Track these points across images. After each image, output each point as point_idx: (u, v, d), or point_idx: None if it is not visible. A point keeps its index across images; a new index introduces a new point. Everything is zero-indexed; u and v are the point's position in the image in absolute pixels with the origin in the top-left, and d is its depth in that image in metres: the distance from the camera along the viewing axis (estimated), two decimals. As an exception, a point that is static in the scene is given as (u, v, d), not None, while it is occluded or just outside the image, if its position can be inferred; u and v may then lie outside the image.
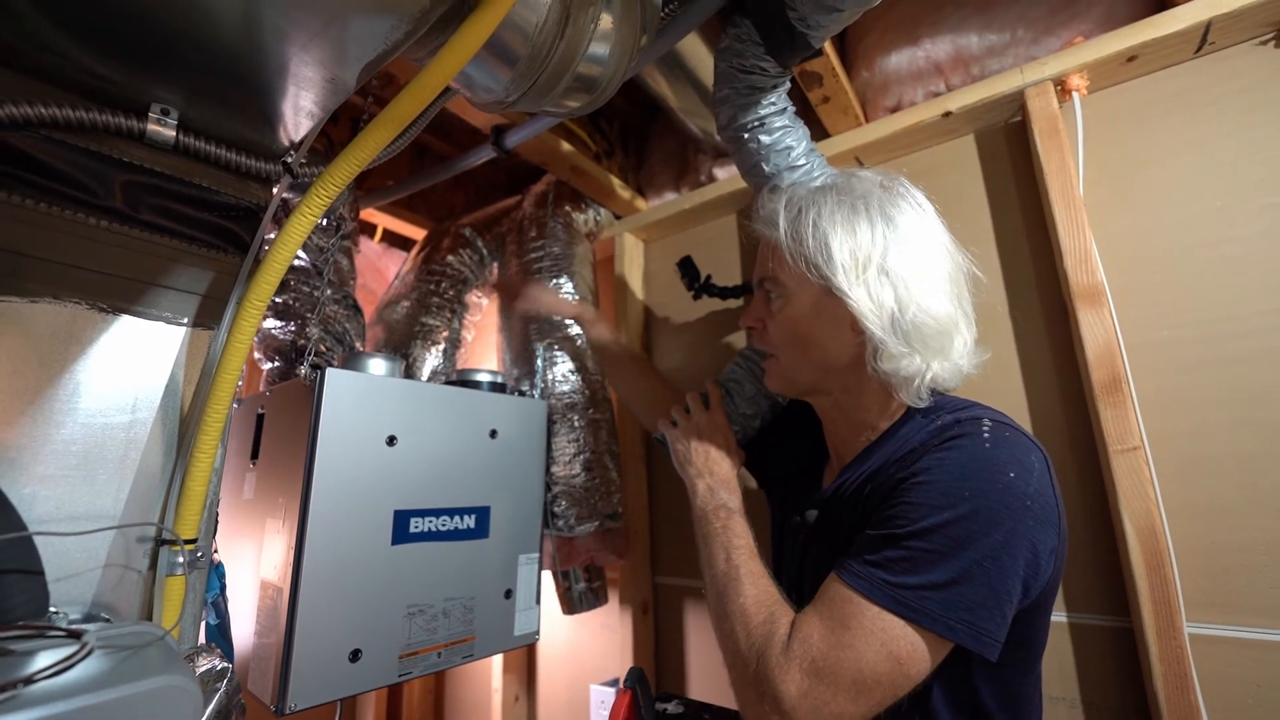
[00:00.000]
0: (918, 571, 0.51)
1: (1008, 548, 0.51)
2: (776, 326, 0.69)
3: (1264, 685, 0.71)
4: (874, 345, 0.61)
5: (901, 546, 0.52)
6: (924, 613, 0.50)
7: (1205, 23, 0.80)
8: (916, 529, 0.52)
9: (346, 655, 0.68)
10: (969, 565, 0.50)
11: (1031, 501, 0.52)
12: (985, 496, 0.52)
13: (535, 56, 0.58)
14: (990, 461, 0.54)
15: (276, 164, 0.68)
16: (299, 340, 1.01)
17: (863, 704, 0.50)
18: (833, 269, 0.61)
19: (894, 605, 0.50)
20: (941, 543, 0.51)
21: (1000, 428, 0.57)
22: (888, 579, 0.51)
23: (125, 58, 0.54)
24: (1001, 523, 0.51)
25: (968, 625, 0.50)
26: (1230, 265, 0.80)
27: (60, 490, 0.52)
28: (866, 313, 0.60)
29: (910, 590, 0.50)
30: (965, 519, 0.51)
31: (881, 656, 0.50)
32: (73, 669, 0.38)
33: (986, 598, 0.50)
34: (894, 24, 1.03)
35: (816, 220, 0.63)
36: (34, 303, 0.53)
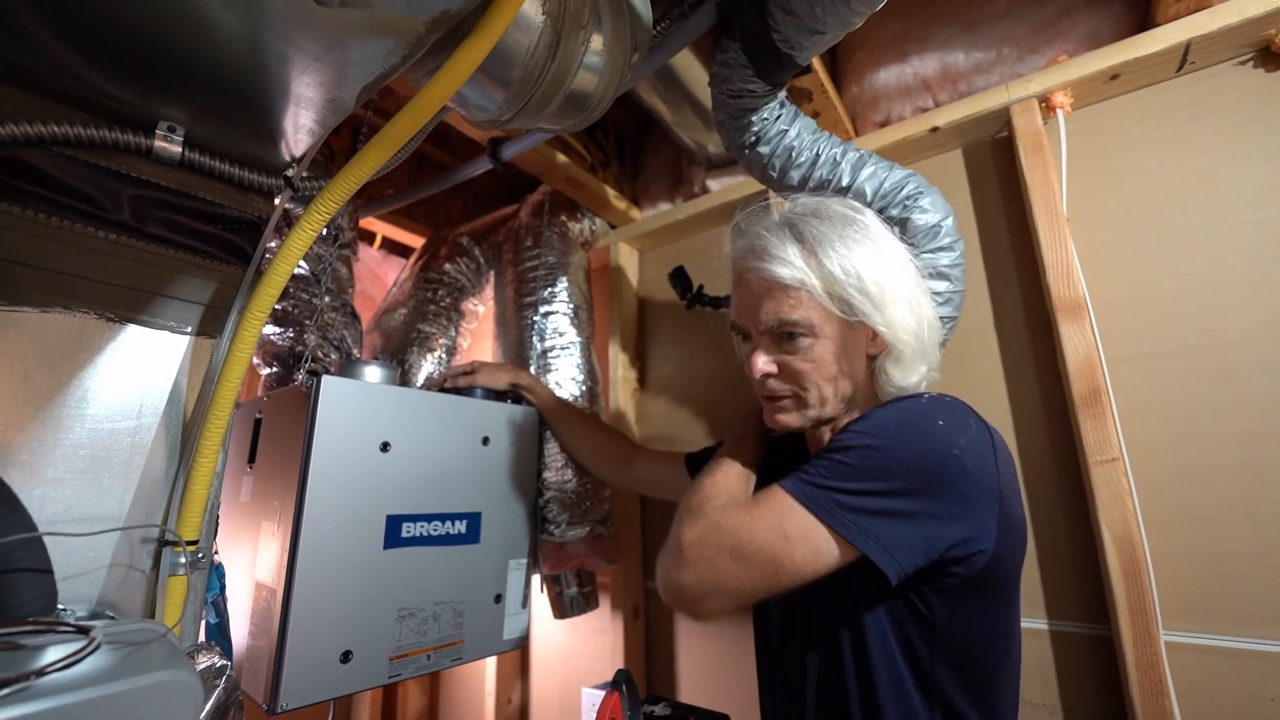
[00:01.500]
0: (830, 477, 0.56)
1: (930, 484, 0.54)
2: (803, 365, 0.64)
3: (1238, 693, 0.72)
4: (898, 360, 0.64)
5: (825, 461, 0.57)
6: (822, 506, 0.54)
7: (1185, 43, 0.82)
8: (841, 447, 0.57)
9: (338, 656, 0.70)
10: (882, 487, 0.54)
11: (960, 452, 0.55)
12: (912, 432, 0.56)
13: (528, 78, 0.61)
14: (924, 411, 0.59)
15: (278, 178, 0.70)
16: (297, 346, 1.03)
17: (742, 567, 0.55)
18: (868, 302, 0.62)
19: (800, 495, 0.55)
20: (859, 459, 0.56)
21: (940, 397, 0.61)
22: (803, 478, 0.57)
23: (135, 79, 0.56)
24: (925, 460, 0.55)
25: (862, 530, 0.53)
26: (1209, 280, 0.82)
27: (69, 492, 0.54)
28: (901, 336, 0.63)
29: (818, 489, 0.55)
30: (890, 448, 0.56)
31: (772, 529, 0.55)
32: (81, 663, 0.40)
33: (891, 516, 0.53)
34: (883, 41, 1.05)
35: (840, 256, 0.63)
36: (45, 312, 0.55)
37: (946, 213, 0.82)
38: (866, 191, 0.84)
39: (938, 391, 0.66)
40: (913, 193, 0.82)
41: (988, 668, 0.59)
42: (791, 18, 0.70)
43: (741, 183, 1.24)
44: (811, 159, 0.86)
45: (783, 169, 0.88)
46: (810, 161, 0.86)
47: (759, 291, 0.66)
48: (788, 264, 0.63)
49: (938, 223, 0.80)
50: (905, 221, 0.81)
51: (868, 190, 0.84)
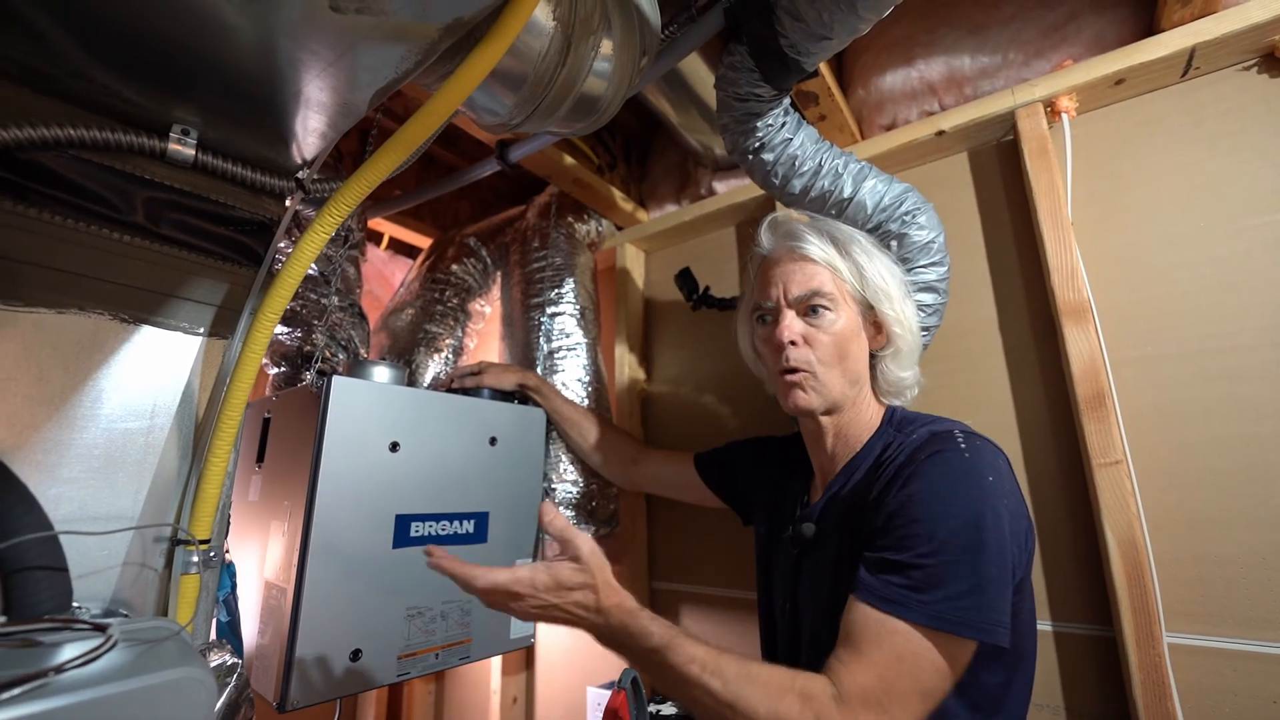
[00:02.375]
0: (942, 585, 0.55)
1: (1000, 544, 0.57)
2: (826, 337, 0.71)
3: (1240, 694, 0.72)
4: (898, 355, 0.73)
5: (920, 568, 0.56)
6: (962, 623, 0.54)
7: (1190, 49, 0.82)
8: (927, 544, 0.56)
9: (348, 655, 0.71)
10: (981, 569, 0.56)
11: (1008, 499, 0.60)
12: (976, 503, 0.58)
13: (538, 82, 0.61)
14: (972, 470, 0.61)
15: (289, 180, 0.71)
16: (305, 346, 1.04)
17: (925, 712, 0.54)
18: (882, 294, 0.72)
19: (934, 621, 0.54)
20: (953, 553, 0.56)
21: (971, 438, 0.64)
22: (919, 598, 0.55)
23: (150, 82, 0.57)
24: (992, 524, 0.57)
25: (990, 624, 0.55)
26: (1212, 284, 0.82)
27: (83, 491, 0.55)
28: (900, 330, 0.72)
29: (942, 604, 0.54)
30: (964, 528, 0.57)
31: (934, 672, 0.54)
32: (99, 660, 0.40)
33: (999, 594, 0.56)
34: (889, 45, 1.05)
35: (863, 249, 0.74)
36: (61, 313, 0.56)
37: (939, 230, 0.87)
38: (867, 204, 0.86)
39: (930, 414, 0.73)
40: (911, 209, 0.86)
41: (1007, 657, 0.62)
42: (799, 23, 0.71)
43: (747, 185, 1.24)
44: (814, 169, 0.88)
45: (785, 177, 0.88)
46: (813, 171, 0.88)
47: (793, 268, 0.74)
48: (821, 249, 0.74)
49: (932, 239, 0.86)
50: (903, 236, 0.86)
51: (868, 203, 0.86)
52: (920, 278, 0.86)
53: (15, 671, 0.36)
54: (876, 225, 0.87)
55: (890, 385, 0.74)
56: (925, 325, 0.87)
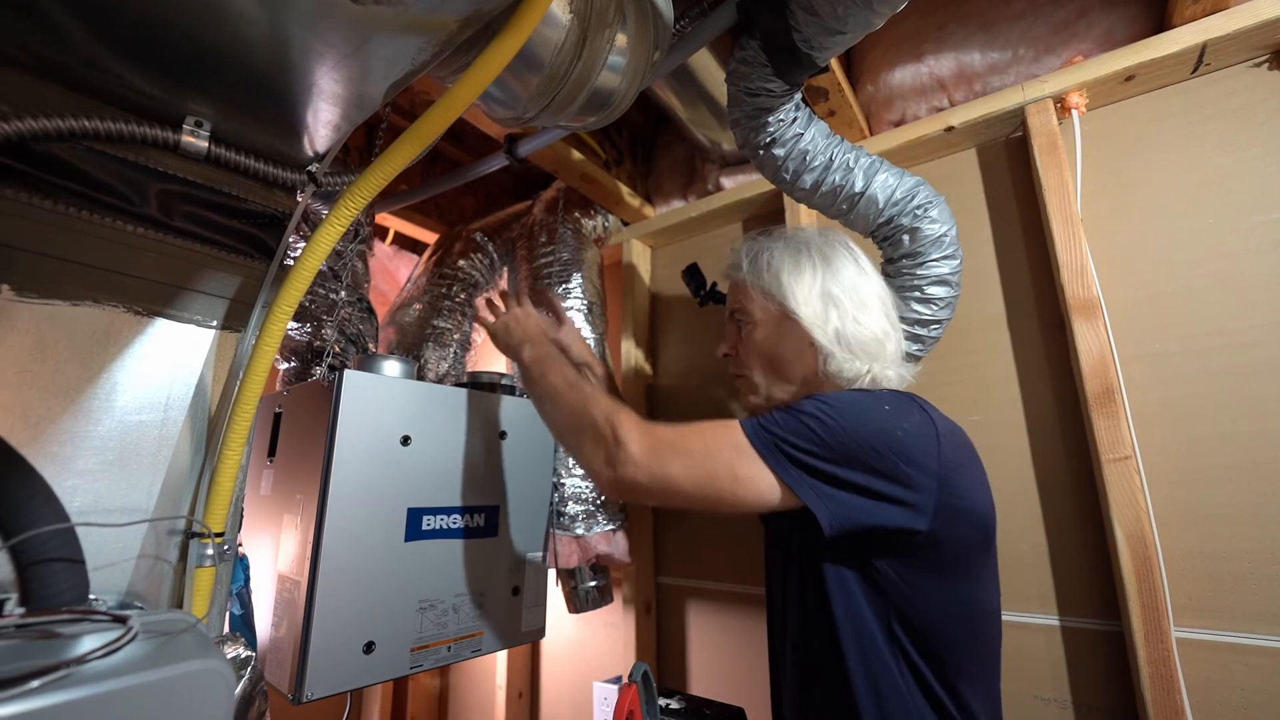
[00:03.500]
0: (785, 430, 0.62)
1: (871, 459, 0.60)
2: (750, 349, 0.79)
3: (1248, 688, 0.73)
4: (824, 355, 0.73)
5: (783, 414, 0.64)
6: (774, 456, 0.61)
7: (1201, 45, 0.82)
8: (798, 406, 0.64)
9: (361, 647, 0.71)
10: (829, 453, 0.60)
11: (903, 434, 0.62)
12: (860, 410, 0.63)
13: (554, 75, 0.61)
14: (872, 396, 0.67)
15: (301, 173, 0.71)
16: (315, 341, 1.04)
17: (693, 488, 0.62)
18: (788, 298, 0.75)
19: (755, 438, 0.62)
20: (813, 425, 0.62)
21: (889, 390, 0.70)
22: (762, 423, 0.64)
23: (164, 74, 0.57)
24: (869, 437, 0.60)
25: (802, 483, 0.60)
26: (1221, 281, 0.82)
27: (99, 484, 0.55)
28: (817, 326, 0.74)
29: (773, 436, 0.62)
30: (840, 421, 0.62)
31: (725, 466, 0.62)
32: (120, 651, 0.40)
33: (831, 477, 0.60)
34: (899, 40, 1.05)
35: (770, 261, 0.78)
36: (76, 306, 0.56)
37: (952, 223, 0.87)
38: (879, 198, 0.86)
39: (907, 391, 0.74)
40: (923, 202, 0.86)
41: (949, 641, 0.63)
42: (813, 17, 0.71)
43: (755, 180, 1.24)
44: (825, 163, 0.87)
45: (796, 172, 0.88)
46: (824, 166, 0.88)
47: (728, 289, 0.84)
48: (739, 267, 0.81)
49: (944, 233, 0.86)
50: (915, 230, 0.86)
51: (880, 197, 0.86)
52: (933, 271, 0.86)
53: (38, 662, 0.36)
54: (888, 219, 0.87)
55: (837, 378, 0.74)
56: (937, 319, 0.87)
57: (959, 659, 0.63)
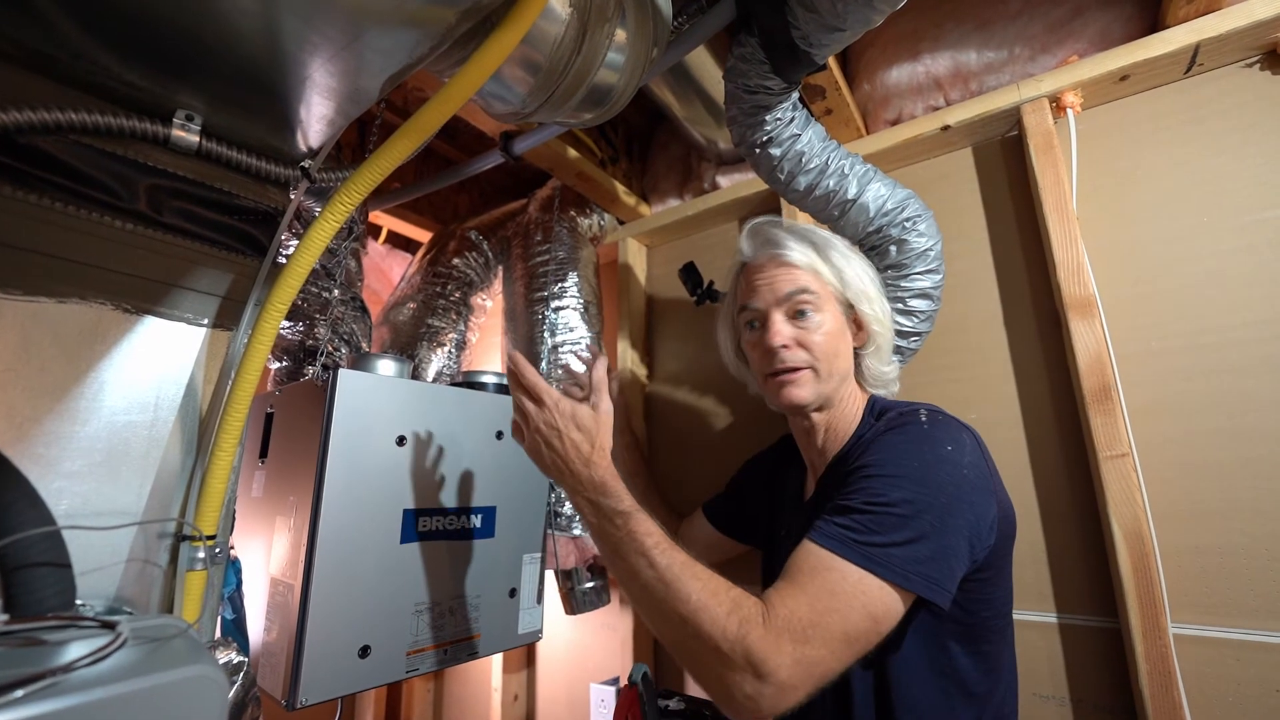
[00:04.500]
0: (882, 532, 0.58)
1: (950, 510, 0.59)
2: (818, 338, 0.74)
3: (1244, 683, 0.73)
4: (877, 351, 0.76)
5: (865, 513, 0.59)
6: (888, 566, 0.56)
7: (1194, 45, 0.83)
8: (875, 498, 0.60)
9: (356, 651, 0.70)
10: (922, 526, 0.58)
11: (967, 470, 0.62)
12: (929, 468, 0.61)
13: (553, 70, 0.60)
14: (929, 438, 0.64)
15: (295, 169, 0.69)
16: (307, 340, 1.02)
17: (847, 658, 0.55)
18: (860, 293, 0.76)
19: (867, 563, 0.56)
20: (898, 509, 0.59)
21: (934, 414, 0.68)
22: (856, 539, 0.57)
23: (154, 66, 0.55)
24: (944, 489, 0.60)
25: (922, 576, 0.57)
26: (1215, 279, 0.83)
27: (86, 486, 0.53)
28: (879, 327, 0.76)
29: (876, 548, 0.57)
30: (915, 487, 0.60)
31: (862, 616, 0.55)
32: (109, 658, 0.39)
33: (936, 552, 0.58)
34: (895, 39, 1.05)
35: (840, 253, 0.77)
36: (62, 303, 0.54)
37: (938, 238, 0.88)
38: (870, 207, 0.87)
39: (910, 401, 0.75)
40: (912, 215, 0.88)
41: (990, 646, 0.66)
42: (812, 14, 0.70)
43: (751, 179, 1.24)
44: (821, 167, 0.88)
45: (791, 173, 0.89)
46: (819, 169, 0.88)
47: (778, 272, 0.77)
48: (803, 253, 0.76)
49: (930, 247, 0.87)
50: (902, 242, 0.87)
51: (871, 206, 0.87)
52: (916, 284, 0.87)
53: (24, 670, 0.35)
54: (878, 229, 0.88)
55: (875, 378, 0.78)
56: (917, 331, 0.89)
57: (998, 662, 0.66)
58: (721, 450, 1.22)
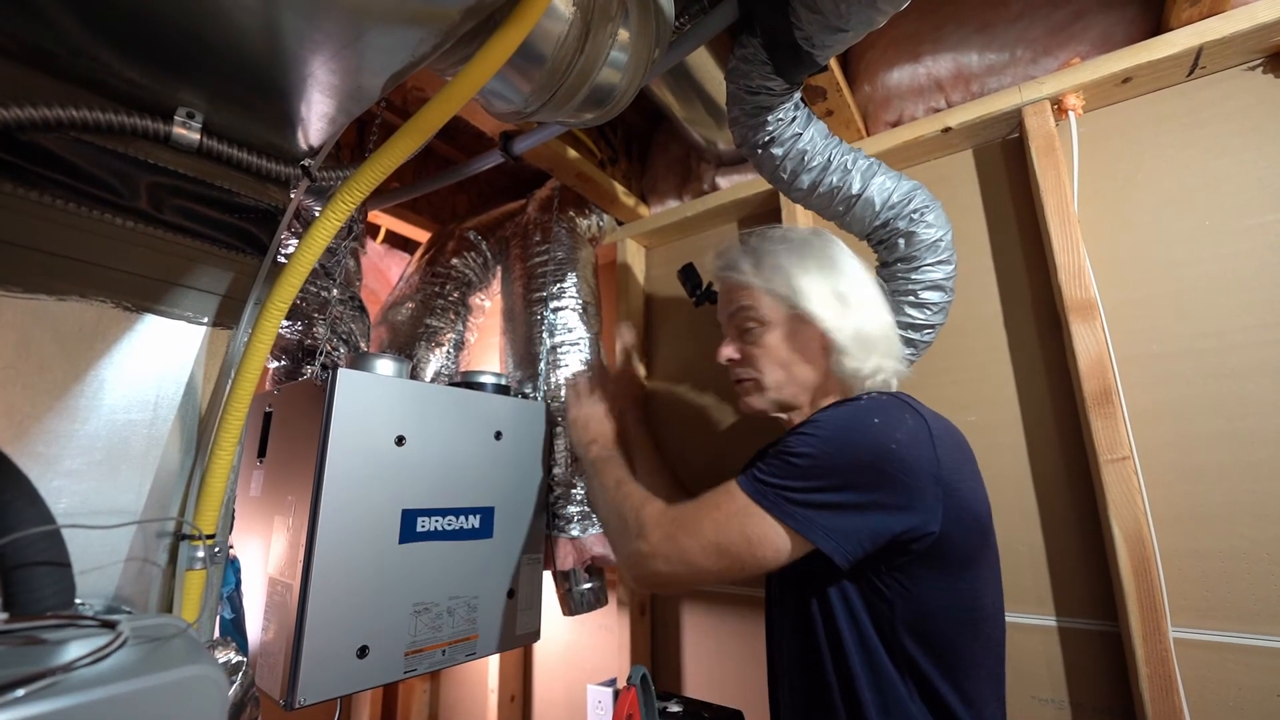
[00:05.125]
0: (781, 477, 0.63)
1: (871, 478, 0.61)
2: (757, 351, 0.78)
3: (1245, 688, 0.73)
4: (838, 354, 0.74)
5: (775, 462, 0.65)
6: (776, 506, 0.61)
7: (1197, 48, 0.83)
8: (789, 451, 0.64)
9: (354, 651, 0.70)
10: (827, 484, 0.61)
11: (897, 445, 0.62)
12: (845, 432, 0.64)
13: (556, 69, 0.60)
14: (860, 411, 0.66)
15: (295, 167, 0.69)
16: (306, 340, 1.02)
17: (712, 562, 0.63)
18: (802, 299, 0.75)
19: (756, 496, 0.63)
20: (806, 461, 0.62)
21: (877, 397, 0.69)
22: (758, 477, 0.64)
23: (155, 63, 0.55)
24: (864, 456, 0.61)
25: (812, 524, 0.60)
26: (1216, 282, 0.83)
27: (85, 485, 0.53)
28: (834, 326, 0.74)
29: (769, 487, 0.63)
30: (832, 449, 0.63)
31: (737, 532, 0.62)
32: (109, 658, 0.39)
33: (837, 509, 0.60)
34: (896, 40, 1.05)
35: (777, 263, 0.78)
36: (62, 300, 0.54)
37: (948, 228, 0.88)
38: (875, 201, 0.86)
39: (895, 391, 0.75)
40: (919, 207, 0.87)
41: (953, 641, 0.64)
42: (815, 15, 0.70)
43: (751, 180, 1.24)
44: (823, 164, 0.87)
45: (794, 172, 0.88)
46: (822, 167, 0.87)
47: (723, 292, 0.85)
48: (741, 270, 0.80)
49: (940, 237, 0.86)
50: (911, 234, 0.86)
51: (876, 200, 0.86)
52: (927, 276, 0.86)
53: (23, 670, 0.35)
54: (885, 222, 0.87)
55: (848, 377, 0.75)
56: (930, 324, 0.88)
57: (965, 660, 0.63)
58: (720, 451, 1.22)
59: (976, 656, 0.65)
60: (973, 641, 0.65)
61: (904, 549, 0.61)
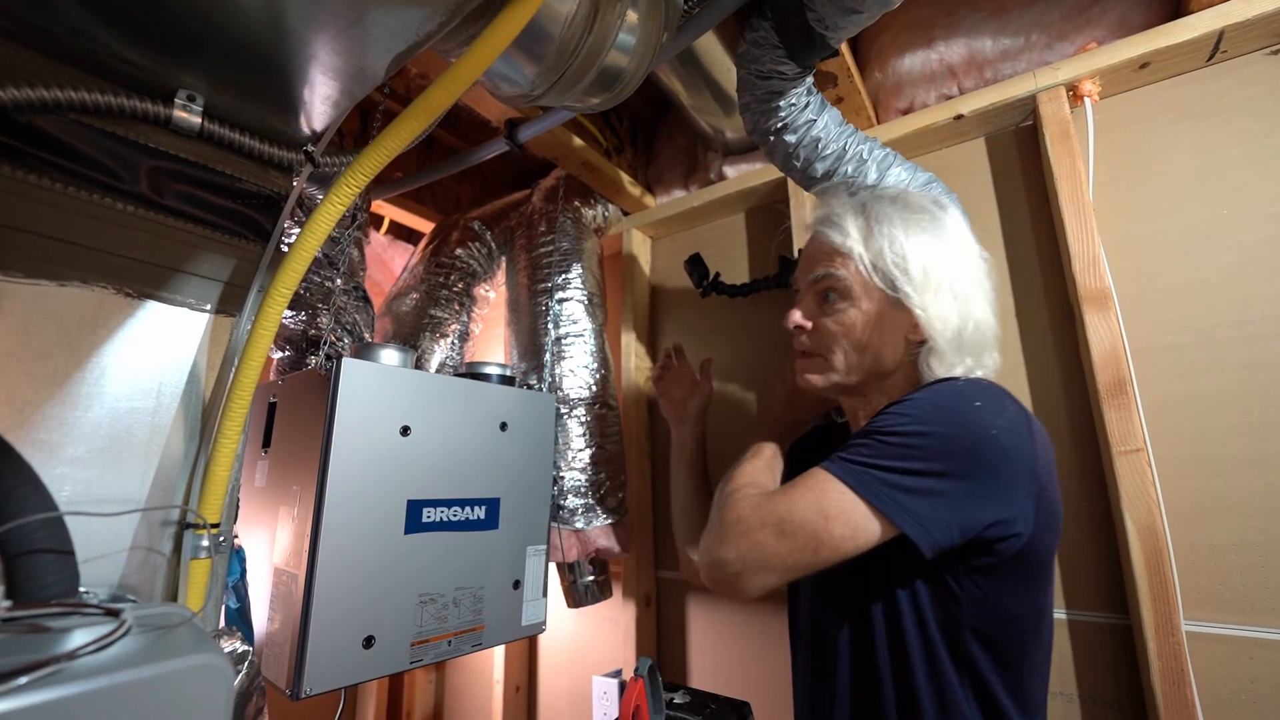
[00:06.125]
0: (869, 455, 0.57)
1: (967, 464, 0.55)
2: (834, 327, 0.68)
3: (1258, 681, 0.72)
4: (934, 354, 0.65)
5: (864, 441, 0.58)
6: (861, 482, 0.55)
7: (1218, 31, 0.81)
8: (879, 429, 0.58)
9: (360, 642, 0.69)
10: (920, 466, 0.55)
11: (998, 432, 0.56)
12: (949, 414, 0.57)
13: (563, 50, 0.59)
14: (959, 393, 0.60)
15: (298, 152, 0.68)
16: (310, 330, 1.01)
17: (784, 543, 0.56)
18: (910, 284, 0.64)
19: (839, 472, 0.56)
20: (897, 440, 0.56)
21: (976, 380, 0.62)
22: (843, 456, 0.58)
23: (154, 44, 0.54)
24: (962, 441, 0.55)
25: (900, 507, 0.54)
26: (1235, 272, 0.81)
27: (89, 473, 0.53)
28: (937, 326, 0.64)
29: (857, 465, 0.56)
30: (927, 429, 0.56)
31: (811, 507, 0.56)
32: (113, 646, 0.38)
33: (927, 495, 0.54)
34: (908, 25, 1.04)
35: (893, 234, 0.66)
36: (63, 286, 0.53)
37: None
38: None
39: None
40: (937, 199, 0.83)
41: (1017, 648, 0.59)
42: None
43: (759, 170, 1.22)
44: (838, 152, 0.86)
45: (807, 159, 0.87)
46: (837, 155, 0.86)
47: (813, 251, 0.72)
48: (844, 232, 0.68)
49: None
50: None
51: None
52: None
53: (27, 658, 0.34)
54: None
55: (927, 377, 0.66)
56: None
57: (1026, 668, 0.59)
58: (728, 445, 1.21)
59: (1036, 662, 0.61)
60: (1034, 648, 0.61)
61: (989, 548, 0.55)
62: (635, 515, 1.26)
